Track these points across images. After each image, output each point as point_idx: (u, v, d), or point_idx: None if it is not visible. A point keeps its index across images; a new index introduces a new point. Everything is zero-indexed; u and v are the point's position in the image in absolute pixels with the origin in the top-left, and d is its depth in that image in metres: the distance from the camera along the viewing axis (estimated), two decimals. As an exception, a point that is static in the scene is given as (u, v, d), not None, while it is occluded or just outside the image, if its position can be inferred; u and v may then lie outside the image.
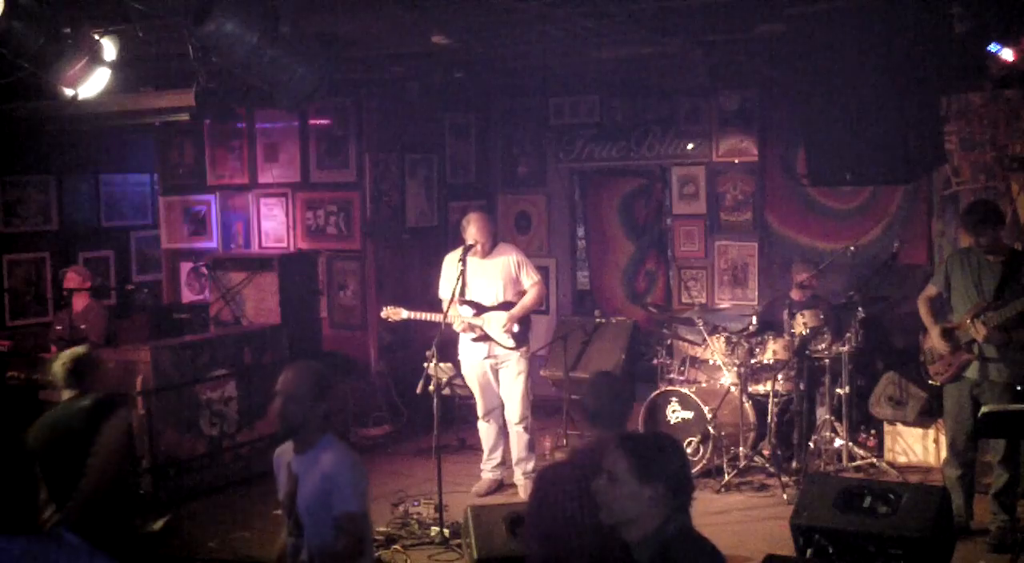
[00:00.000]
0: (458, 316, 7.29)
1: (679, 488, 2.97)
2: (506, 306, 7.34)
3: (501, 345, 7.33)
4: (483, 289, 7.36)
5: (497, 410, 7.50)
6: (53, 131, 8.69)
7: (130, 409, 4.97)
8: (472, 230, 7.32)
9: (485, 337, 7.32)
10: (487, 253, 7.40)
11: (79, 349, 5.20)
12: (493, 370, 7.42)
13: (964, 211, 6.67)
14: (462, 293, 7.29)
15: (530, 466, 7.47)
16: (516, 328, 7.34)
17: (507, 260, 7.44)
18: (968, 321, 6.19)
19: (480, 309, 7.33)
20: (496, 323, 7.31)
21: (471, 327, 7.31)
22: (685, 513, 3.00)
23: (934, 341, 6.41)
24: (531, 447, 7.56)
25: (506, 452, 7.60)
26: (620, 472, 2.95)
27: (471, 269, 7.35)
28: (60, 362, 5.01)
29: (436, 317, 7.31)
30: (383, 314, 7.63)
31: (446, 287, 7.33)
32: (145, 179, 10.94)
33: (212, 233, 10.37)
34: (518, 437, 7.46)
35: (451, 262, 7.42)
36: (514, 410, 7.41)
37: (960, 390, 6.33)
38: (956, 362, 6.29)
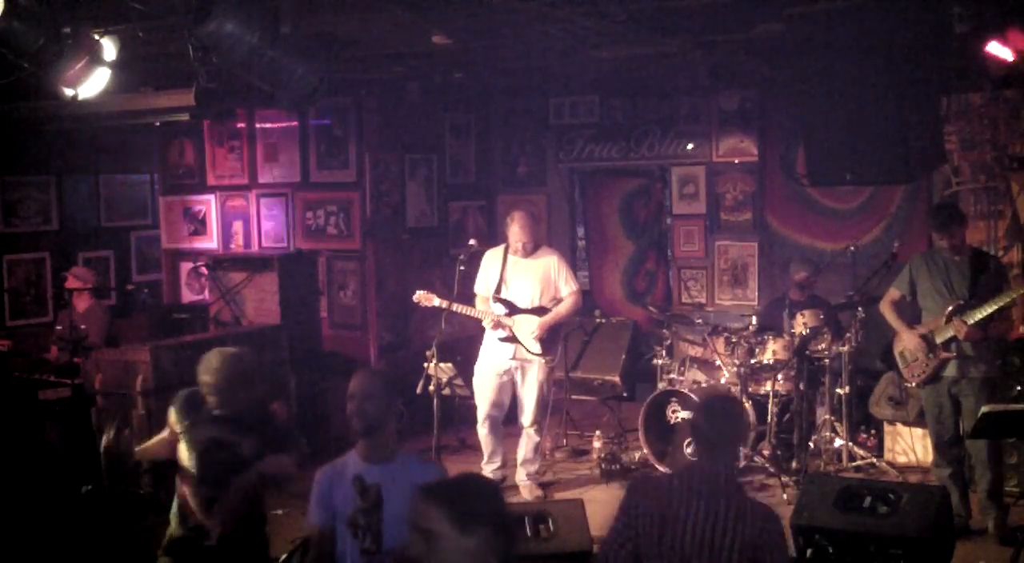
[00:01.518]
0: (489, 313, 7.21)
1: (504, 529, 2.69)
2: (539, 311, 7.22)
3: (528, 350, 7.21)
4: (519, 290, 7.24)
5: (498, 416, 7.38)
6: (53, 131, 8.68)
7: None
8: (515, 229, 7.19)
9: (513, 339, 7.20)
10: (528, 253, 7.27)
11: None
12: (514, 373, 7.29)
13: (931, 214, 6.74)
14: (497, 290, 7.22)
15: (534, 468, 7.46)
16: (545, 336, 7.21)
17: (548, 263, 7.31)
18: (945, 320, 6.23)
19: (513, 309, 7.21)
20: (526, 326, 7.19)
21: (500, 325, 7.21)
22: (514, 555, 2.74)
23: (908, 343, 6.44)
24: (538, 449, 7.54)
25: (507, 454, 7.55)
26: (436, 527, 2.65)
27: (510, 267, 7.26)
28: None
29: (468, 310, 7.22)
30: (415, 298, 7.38)
31: (482, 282, 7.28)
32: (145, 179, 10.94)
33: (212, 233, 10.37)
34: (528, 439, 7.41)
35: (492, 258, 7.33)
36: (529, 413, 7.33)
37: (938, 390, 6.38)
38: (933, 363, 6.32)
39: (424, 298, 7.30)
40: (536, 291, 7.25)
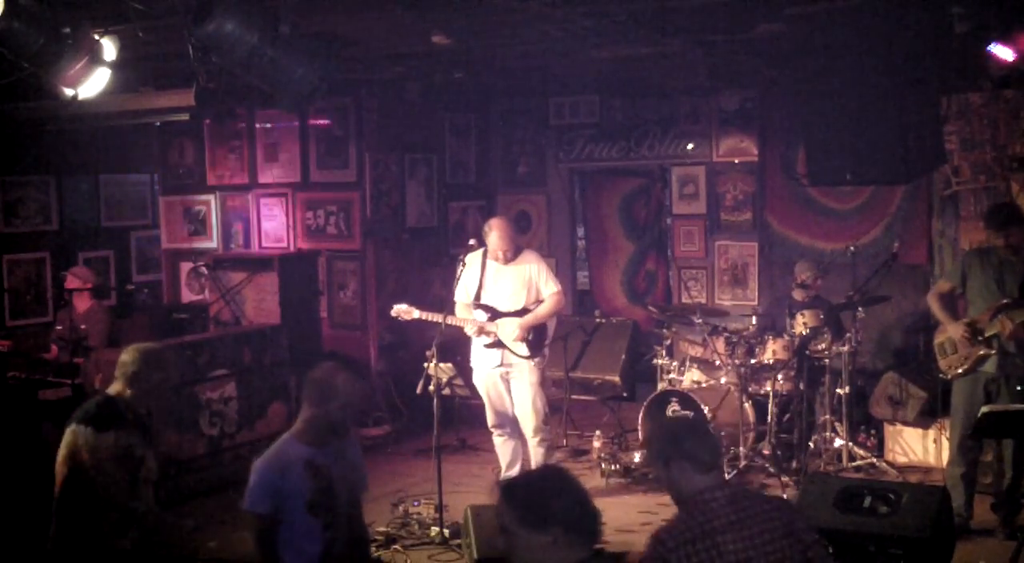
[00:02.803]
0: (471, 320, 7.12)
1: (578, 525, 2.70)
2: (522, 313, 7.13)
3: (514, 353, 7.13)
4: (501, 295, 7.16)
5: (509, 423, 7.27)
6: (53, 131, 8.68)
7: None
8: (493, 237, 7.09)
9: (498, 344, 7.13)
10: (509, 261, 7.17)
11: None
12: (504, 379, 7.20)
13: (989, 213, 6.68)
14: (477, 297, 7.16)
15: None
16: (530, 336, 7.10)
17: (529, 268, 7.20)
18: (990, 316, 6.19)
19: (495, 314, 7.14)
20: (509, 330, 7.10)
21: (484, 332, 7.12)
22: (591, 548, 2.72)
23: (953, 333, 6.38)
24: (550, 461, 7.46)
25: (525, 465, 7.39)
26: (510, 525, 2.71)
27: (490, 274, 7.17)
28: None
29: (449, 320, 7.06)
30: (393, 312, 7.34)
31: (462, 290, 7.17)
32: (145, 179, 10.94)
33: (212, 233, 10.37)
34: (533, 452, 7.28)
35: (470, 264, 7.21)
36: (528, 423, 7.21)
37: (974, 384, 6.31)
38: (973, 356, 6.28)
39: (403, 312, 7.25)
40: (519, 296, 7.15)
